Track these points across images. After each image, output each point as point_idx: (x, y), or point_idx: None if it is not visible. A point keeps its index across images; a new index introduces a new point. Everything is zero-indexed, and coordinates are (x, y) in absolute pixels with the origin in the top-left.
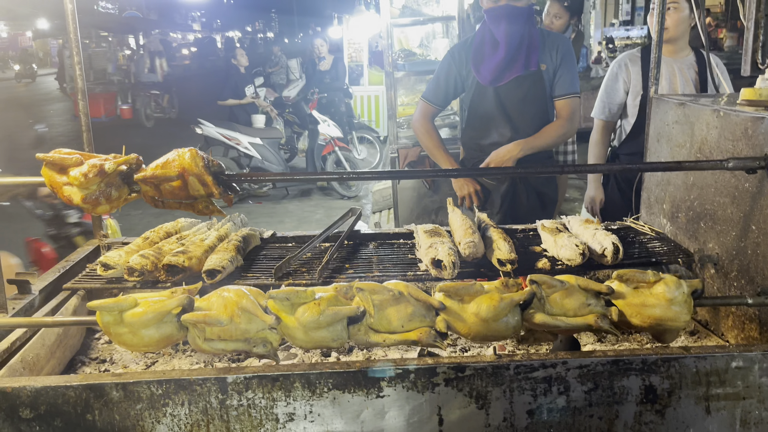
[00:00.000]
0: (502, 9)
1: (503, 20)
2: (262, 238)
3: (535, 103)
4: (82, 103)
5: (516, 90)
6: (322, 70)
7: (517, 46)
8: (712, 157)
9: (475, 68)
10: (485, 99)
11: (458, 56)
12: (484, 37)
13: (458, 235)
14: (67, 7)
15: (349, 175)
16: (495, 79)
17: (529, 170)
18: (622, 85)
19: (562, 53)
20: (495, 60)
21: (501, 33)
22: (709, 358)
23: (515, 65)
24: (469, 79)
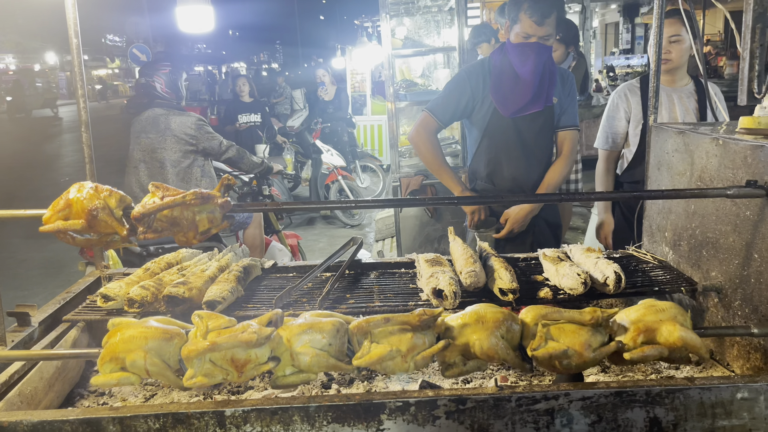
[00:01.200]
0: (532, 47)
1: (531, 58)
2: (263, 269)
3: (548, 136)
4: (86, 135)
5: (533, 123)
6: (326, 100)
7: (539, 83)
8: (713, 185)
9: (496, 98)
10: (503, 129)
11: (474, 79)
12: (504, 67)
13: (459, 265)
14: (72, 42)
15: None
16: (517, 111)
17: (529, 198)
18: (623, 115)
19: (568, 87)
20: (518, 94)
21: (527, 69)
22: (713, 389)
23: (538, 101)
24: (483, 104)
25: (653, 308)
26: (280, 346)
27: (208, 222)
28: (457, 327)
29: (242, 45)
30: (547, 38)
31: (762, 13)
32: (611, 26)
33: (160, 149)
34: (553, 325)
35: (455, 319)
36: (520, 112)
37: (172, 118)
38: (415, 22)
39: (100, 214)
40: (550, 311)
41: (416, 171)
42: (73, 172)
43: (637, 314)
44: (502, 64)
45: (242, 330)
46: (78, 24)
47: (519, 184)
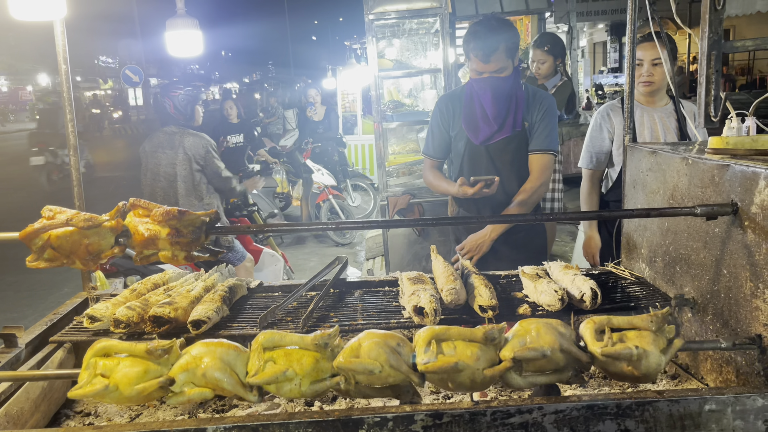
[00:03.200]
0: (487, 81)
1: (488, 91)
2: (249, 288)
3: (522, 158)
4: (74, 159)
5: (505, 148)
6: (315, 121)
7: (505, 112)
8: (684, 204)
9: (467, 128)
10: (478, 156)
11: (445, 109)
12: (473, 98)
13: (440, 282)
14: (62, 68)
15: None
16: (486, 139)
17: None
18: (606, 135)
19: (543, 110)
20: (485, 123)
21: (487, 102)
22: (682, 401)
23: (504, 128)
24: (461, 134)
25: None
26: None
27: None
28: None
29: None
30: (501, 71)
31: (716, 41)
32: (599, 45)
33: (171, 165)
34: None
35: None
36: (489, 140)
37: (186, 137)
38: (402, 44)
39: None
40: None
41: (404, 190)
42: None
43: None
44: (470, 96)
45: None
46: (67, 50)
47: (497, 208)
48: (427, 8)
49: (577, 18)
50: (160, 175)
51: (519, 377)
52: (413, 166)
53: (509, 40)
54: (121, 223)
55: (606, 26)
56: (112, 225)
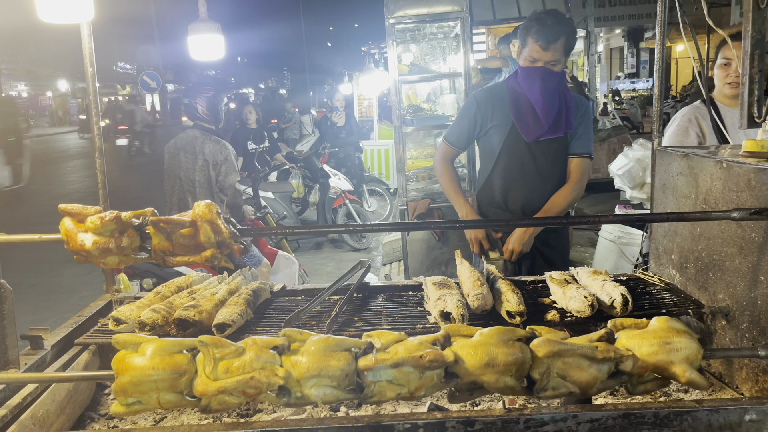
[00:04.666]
0: (538, 71)
1: (537, 81)
2: (272, 292)
3: (561, 162)
4: (99, 161)
5: (549, 148)
6: (338, 126)
7: (555, 110)
8: (717, 208)
9: (519, 123)
10: (519, 153)
11: (484, 104)
12: (519, 92)
13: (467, 287)
14: (88, 71)
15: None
16: (537, 137)
17: (533, 221)
18: (694, 139)
19: (583, 114)
20: (534, 119)
21: (535, 94)
22: (722, 411)
23: (559, 127)
24: (498, 129)
25: (667, 347)
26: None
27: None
28: (467, 361)
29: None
30: (555, 63)
31: (760, 39)
32: (616, 51)
33: (191, 169)
34: (560, 361)
35: (465, 349)
36: (541, 137)
37: (207, 143)
38: (421, 48)
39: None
40: (562, 348)
41: (423, 195)
42: None
43: (649, 349)
44: (516, 89)
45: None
46: (93, 53)
47: (530, 207)
48: (448, 12)
49: (594, 23)
50: (180, 177)
51: None
52: (432, 171)
53: (570, 35)
54: None
55: (623, 32)
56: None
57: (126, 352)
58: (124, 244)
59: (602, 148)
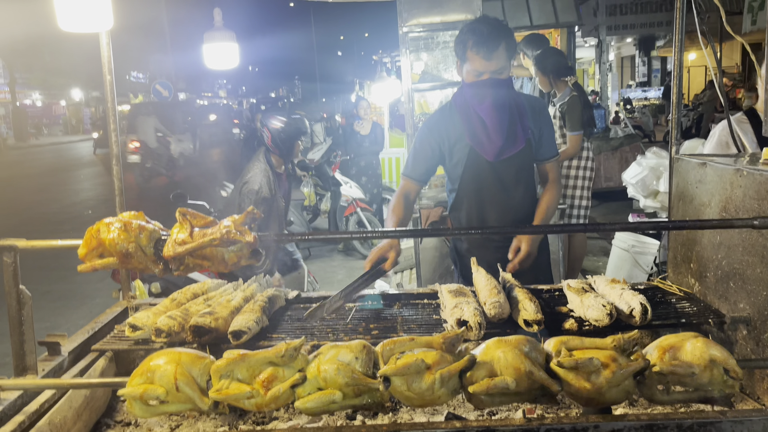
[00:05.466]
0: (487, 83)
1: (488, 95)
2: (287, 299)
3: (527, 171)
4: (116, 168)
5: (512, 163)
6: (362, 135)
7: (508, 122)
8: (738, 216)
9: (475, 143)
10: (480, 173)
11: (436, 129)
12: (469, 111)
13: (483, 295)
14: (106, 78)
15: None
16: (499, 154)
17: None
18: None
19: (543, 116)
20: (487, 136)
21: (486, 109)
22: (746, 422)
23: (516, 138)
24: (454, 152)
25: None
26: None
27: (236, 257)
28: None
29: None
30: (501, 71)
31: None
32: (627, 59)
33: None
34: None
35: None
36: (503, 154)
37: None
38: (433, 56)
39: (132, 253)
40: (572, 338)
41: (436, 203)
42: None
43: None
44: (466, 107)
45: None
46: (112, 61)
47: (503, 222)
48: (462, 20)
49: (606, 32)
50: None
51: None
52: (444, 179)
53: (509, 38)
54: None
55: (634, 40)
56: None
57: None
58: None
59: (615, 156)
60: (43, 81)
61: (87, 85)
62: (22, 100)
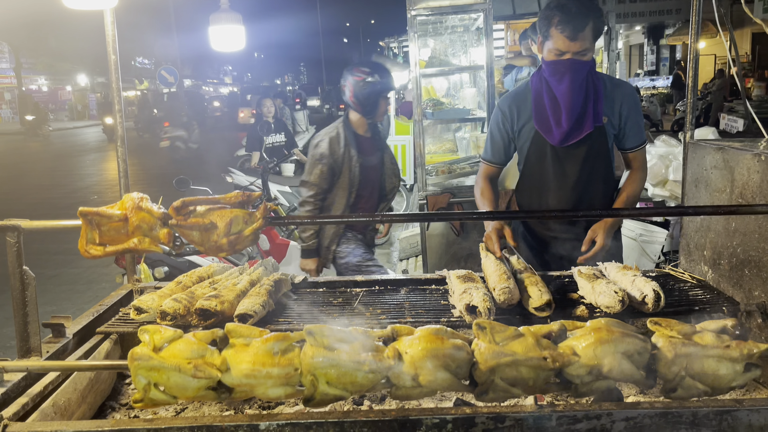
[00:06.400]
0: (566, 64)
1: (567, 76)
2: (293, 283)
3: (597, 160)
4: (121, 150)
5: (577, 149)
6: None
7: (583, 103)
8: (755, 202)
9: (541, 127)
10: (542, 158)
11: (508, 109)
12: (542, 92)
13: (492, 281)
14: (110, 58)
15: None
16: (564, 139)
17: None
18: None
19: (628, 103)
20: (563, 119)
21: (563, 90)
22: (762, 411)
23: (585, 123)
24: (522, 134)
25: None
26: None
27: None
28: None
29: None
30: (584, 53)
31: None
32: (635, 48)
33: None
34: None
35: None
36: (568, 139)
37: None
38: (441, 41)
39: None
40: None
41: (443, 189)
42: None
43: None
44: (540, 87)
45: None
46: (116, 41)
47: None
48: (471, 4)
49: (615, 19)
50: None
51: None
52: (452, 165)
53: (598, 19)
54: None
55: (643, 28)
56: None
57: None
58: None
59: None
60: (48, 66)
61: (93, 71)
62: (28, 86)
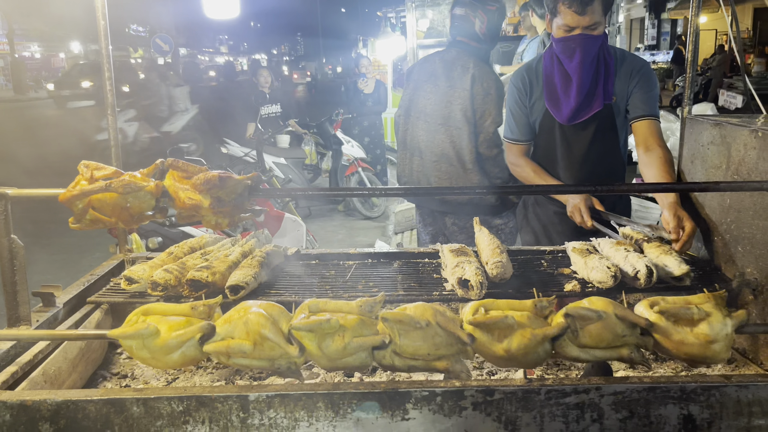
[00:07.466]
0: (577, 40)
1: (577, 52)
2: (286, 255)
3: (605, 138)
4: (111, 118)
5: (585, 128)
6: (365, 93)
7: (594, 79)
8: (751, 179)
9: (551, 105)
10: (551, 136)
11: (521, 84)
12: (552, 69)
13: (485, 255)
14: (100, 23)
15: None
16: (573, 116)
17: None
18: None
19: (638, 76)
20: (572, 96)
21: (574, 66)
22: (751, 387)
23: (595, 101)
24: (533, 110)
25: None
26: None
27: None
28: None
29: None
30: (594, 27)
31: None
32: (636, 22)
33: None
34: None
35: None
36: (576, 117)
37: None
38: (440, 12)
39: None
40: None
41: None
42: None
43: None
44: (551, 65)
45: None
46: (105, 5)
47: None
48: None
49: None
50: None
51: (574, 346)
52: None
53: None
54: (160, 186)
55: (645, 2)
56: (152, 189)
57: None
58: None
59: None
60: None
61: (86, 38)
62: (21, 52)
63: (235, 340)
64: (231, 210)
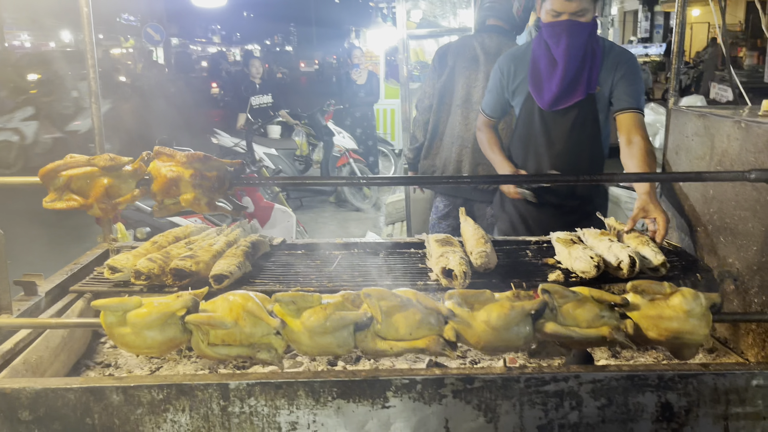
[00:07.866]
0: (563, 25)
1: (563, 38)
2: (272, 245)
3: (585, 128)
4: (95, 106)
5: (565, 115)
6: (358, 84)
7: (579, 67)
8: (733, 169)
9: (533, 88)
10: (531, 122)
11: (506, 68)
12: (540, 53)
13: (470, 245)
14: (83, 11)
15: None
16: (554, 102)
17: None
18: None
19: (623, 69)
20: (555, 82)
21: (560, 52)
22: (728, 375)
23: (577, 89)
24: (517, 93)
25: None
26: None
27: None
28: None
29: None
30: (582, 13)
31: None
32: (630, 14)
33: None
34: None
35: None
36: (558, 103)
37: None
38: (432, 3)
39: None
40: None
41: None
42: None
43: None
44: (538, 50)
45: None
46: None
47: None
48: None
49: None
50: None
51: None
52: None
53: None
54: (144, 167)
55: None
56: (135, 167)
57: None
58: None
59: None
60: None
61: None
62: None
63: (218, 313)
64: (211, 187)
